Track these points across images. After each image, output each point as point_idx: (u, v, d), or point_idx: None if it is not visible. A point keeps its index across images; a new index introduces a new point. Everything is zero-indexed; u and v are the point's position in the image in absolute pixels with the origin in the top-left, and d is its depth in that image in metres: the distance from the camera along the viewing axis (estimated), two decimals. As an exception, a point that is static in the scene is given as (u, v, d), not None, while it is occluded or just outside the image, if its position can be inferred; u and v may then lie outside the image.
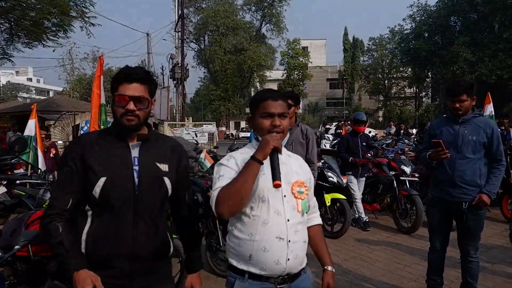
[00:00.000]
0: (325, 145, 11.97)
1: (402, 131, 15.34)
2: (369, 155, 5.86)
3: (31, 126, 6.39)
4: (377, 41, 48.35)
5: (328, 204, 5.38)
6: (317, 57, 51.62)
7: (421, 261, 4.34)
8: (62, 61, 40.59)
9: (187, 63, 24.47)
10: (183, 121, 20.44)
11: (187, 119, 21.90)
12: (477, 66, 29.53)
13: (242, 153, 1.68)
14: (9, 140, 6.48)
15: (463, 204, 3.01)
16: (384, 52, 46.76)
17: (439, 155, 3.01)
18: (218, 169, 1.64)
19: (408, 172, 5.98)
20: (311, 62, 45.97)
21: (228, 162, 1.63)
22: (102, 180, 1.54)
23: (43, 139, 7.59)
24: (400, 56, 41.66)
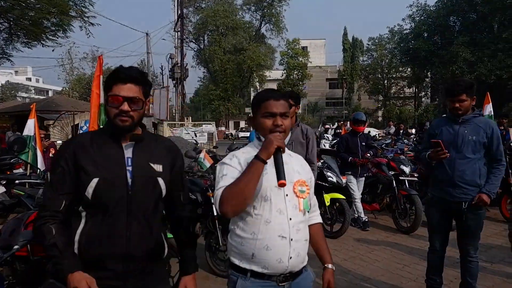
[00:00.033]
0: (324, 145, 11.95)
1: (401, 131, 15.35)
2: (368, 155, 5.86)
3: (30, 125, 6.38)
4: (376, 41, 48.42)
5: (327, 204, 5.38)
6: (316, 57, 51.65)
7: (420, 260, 4.34)
8: (61, 60, 40.74)
9: (187, 63, 24.51)
10: (183, 121, 20.46)
11: (187, 119, 21.93)
12: (476, 66, 29.52)
13: (244, 153, 1.68)
14: (8, 140, 6.47)
15: (463, 204, 3.02)
16: (384, 52, 46.81)
17: (438, 155, 3.01)
18: (220, 168, 1.64)
19: (408, 172, 5.98)
20: (311, 62, 45.97)
21: (231, 161, 1.63)
22: (95, 181, 1.53)
23: (42, 138, 7.59)
24: (400, 56, 41.69)
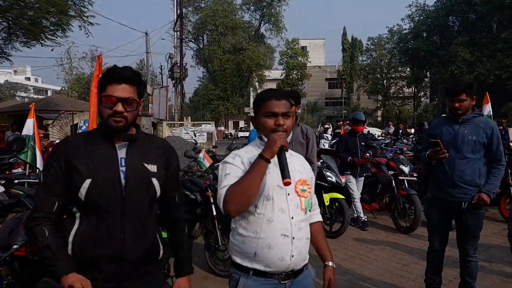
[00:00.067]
0: (323, 145, 11.95)
1: (400, 130, 15.36)
2: (367, 154, 5.86)
3: (29, 125, 6.36)
4: (375, 41, 48.42)
5: (326, 203, 5.38)
6: (316, 57, 51.64)
7: (419, 260, 4.35)
8: (60, 60, 40.69)
9: (186, 63, 24.50)
10: (182, 121, 20.47)
11: (186, 118, 21.96)
12: (475, 66, 29.55)
13: (247, 152, 1.68)
14: (7, 140, 6.45)
15: (463, 203, 3.02)
16: (383, 52, 46.82)
17: (437, 154, 3.02)
18: (223, 167, 1.64)
19: (407, 172, 5.98)
20: (310, 62, 45.95)
21: (234, 161, 1.64)
22: (88, 182, 1.51)
23: (41, 138, 7.57)
24: (399, 56, 41.70)
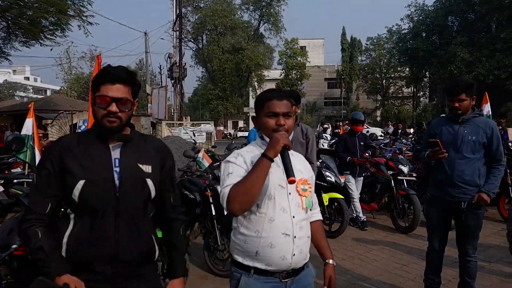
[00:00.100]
0: (323, 145, 11.96)
1: (399, 130, 15.39)
2: (367, 154, 5.87)
3: (28, 125, 6.35)
4: (375, 40, 48.39)
5: (326, 203, 5.39)
6: (315, 57, 51.64)
7: (418, 260, 4.35)
8: (59, 60, 40.65)
9: (185, 63, 24.42)
10: (181, 121, 20.42)
11: (185, 118, 21.91)
12: (474, 66, 29.54)
13: (248, 152, 1.69)
14: (6, 139, 6.44)
15: (462, 203, 3.02)
16: (382, 51, 46.79)
17: (436, 154, 3.02)
18: (226, 166, 1.65)
19: (406, 172, 5.99)
20: (309, 62, 45.92)
21: (236, 160, 1.64)
22: (81, 183, 1.49)
23: (40, 138, 7.56)
24: (398, 55, 41.65)
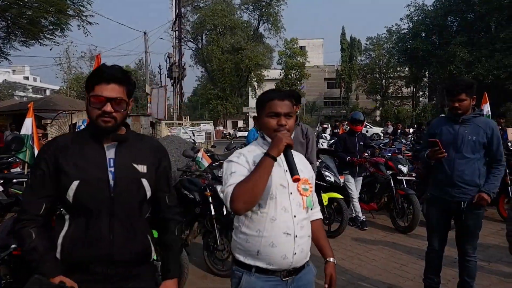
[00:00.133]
0: (322, 145, 11.96)
1: (399, 130, 15.41)
2: (366, 154, 5.87)
3: (28, 124, 6.35)
4: (374, 40, 48.42)
5: (325, 203, 5.39)
6: (314, 57, 51.64)
7: (418, 260, 4.36)
8: (59, 59, 40.62)
9: (185, 62, 24.42)
10: (181, 120, 20.41)
11: (185, 118, 21.91)
12: (474, 66, 29.57)
13: (250, 151, 1.70)
14: (6, 139, 6.43)
15: (462, 203, 3.02)
16: (382, 51, 46.84)
17: (436, 154, 3.02)
18: (228, 165, 1.66)
19: (405, 172, 5.99)
20: (309, 62, 45.93)
21: (239, 159, 1.65)
22: (75, 184, 1.48)
23: (40, 138, 7.57)
24: (398, 55, 41.67)
